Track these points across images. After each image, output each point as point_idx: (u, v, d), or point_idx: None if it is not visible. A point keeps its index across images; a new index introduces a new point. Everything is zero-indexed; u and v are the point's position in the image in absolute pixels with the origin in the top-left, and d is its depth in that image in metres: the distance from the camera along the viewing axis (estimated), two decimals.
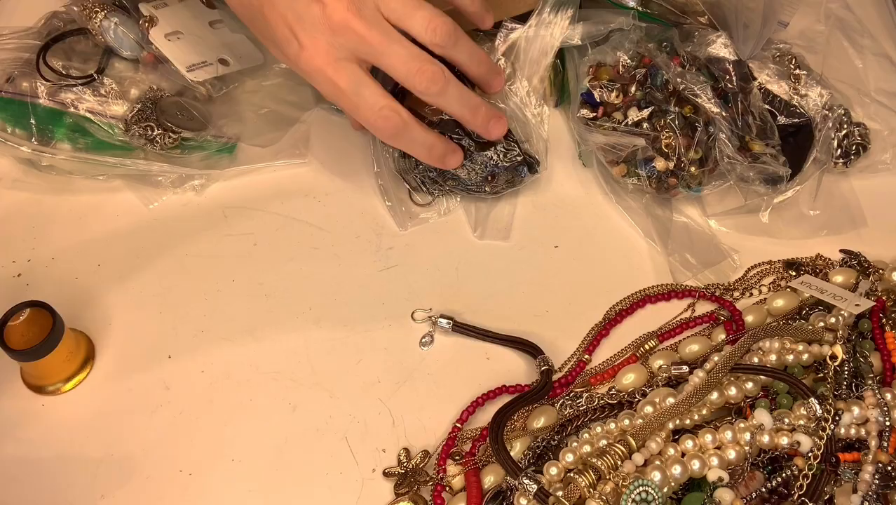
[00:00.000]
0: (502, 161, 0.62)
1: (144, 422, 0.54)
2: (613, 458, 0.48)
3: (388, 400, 0.56)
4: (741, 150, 0.61)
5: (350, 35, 0.53)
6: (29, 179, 0.65)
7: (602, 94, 0.64)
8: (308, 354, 0.57)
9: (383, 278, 0.61)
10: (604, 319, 0.59)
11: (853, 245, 0.62)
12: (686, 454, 0.49)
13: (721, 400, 0.52)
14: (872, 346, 0.56)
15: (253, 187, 0.65)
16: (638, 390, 0.55)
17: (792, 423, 0.50)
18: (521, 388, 0.56)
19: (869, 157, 0.66)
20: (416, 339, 0.58)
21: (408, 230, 0.63)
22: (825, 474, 0.49)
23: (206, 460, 0.53)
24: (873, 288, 0.58)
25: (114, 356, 0.57)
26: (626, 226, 0.64)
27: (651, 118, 0.62)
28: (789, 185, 0.62)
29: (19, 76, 0.64)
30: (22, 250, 0.62)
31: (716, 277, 0.61)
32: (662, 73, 0.63)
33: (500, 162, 0.62)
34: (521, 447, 0.53)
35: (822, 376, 0.53)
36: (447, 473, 0.52)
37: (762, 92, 0.64)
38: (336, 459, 0.53)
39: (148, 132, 0.63)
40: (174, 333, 0.58)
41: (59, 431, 0.54)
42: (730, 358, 0.51)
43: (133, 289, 0.60)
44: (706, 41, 0.65)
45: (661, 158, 0.61)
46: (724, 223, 0.64)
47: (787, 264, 0.62)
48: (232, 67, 0.67)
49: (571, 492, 0.47)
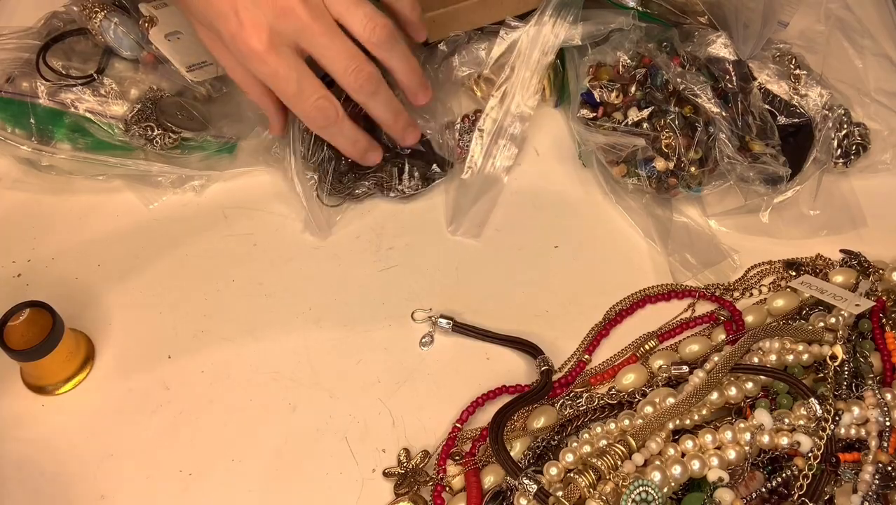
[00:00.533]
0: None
1: (144, 422, 0.54)
2: (613, 458, 0.48)
3: (388, 400, 0.56)
4: (741, 150, 0.61)
5: (295, 21, 0.52)
6: (29, 179, 0.65)
7: (602, 94, 0.64)
8: (308, 354, 0.57)
9: (383, 278, 0.61)
10: (604, 319, 0.59)
11: (853, 245, 0.62)
12: (686, 454, 0.49)
13: (721, 400, 0.52)
14: (872, 346, 0.56)
15: (253, 187, 0.65)
16: (638, 390, 0.55)
17: (792, 423, 0.50)
18: (521, 388, 0.56)
19: (869, 157, 0.66)
20: (416, 339, 0.58)
21: (327, 239, 0.63)
22: (825, 474, 0.49)
23: (206, 460, 0.53)
24: (873, 288, 0.58)
25: (114, 356, 0.57)
26: (626, 226, 0.64)
27: (651, 118, 0.62)
28: (789, 185, 0.62)
29: (19, 76, 0.64)
30: (22, 250, 0.62)
31: (716, 277, 0.61)
32: (662, 73, 0.63)
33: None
34: (521, 447, 0.53)
35: (822, 376, 0.53)
36: (447, 474, 0.52)
37: (762, 92, 0.64)
38: (336, 459, 0.53)
39: (148, 132, 0.63)
40: (174, 333, 0.58)
41: (59, 431, 0.54)
42: (730, 358, 0.51)
43: (133, 289, 0.60)
44: (706, 41, 0.65)
45: (661, 158, 0.61)
46: (724, 223, 0.64)
47: (787, 264, 0.62)
48: None
49: (571, 492, 0.47)
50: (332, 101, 0.56)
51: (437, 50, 0.67)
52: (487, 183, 0.65)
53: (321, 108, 0.56)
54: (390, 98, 0.59)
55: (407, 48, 0.59)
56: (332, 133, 0.58)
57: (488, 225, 0.64)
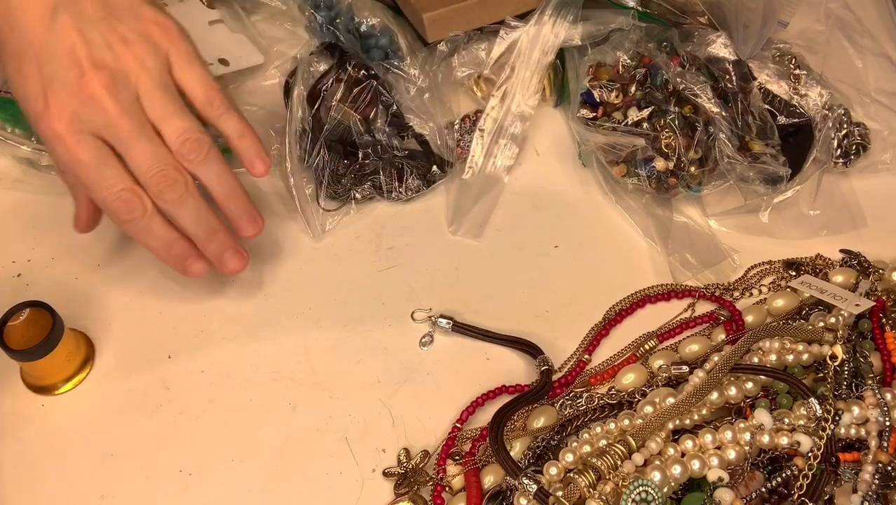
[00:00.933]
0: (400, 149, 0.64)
1: (144, 422, 0.54)
2: (613, 458, 0.48)
3: (387, 400, 0.56)
4: (741, 150, 0.61)
5: (99, 113, 0.49)
6: (29, 179, 0.65)
7: (602, 94, 0.64)
8: (308, 354, 0.57)
9: (383, 278, 0.61)
10: (604, 319, 0.59)
11: (853, 245, 0.62)
12: (686, 454, 0.49)
13: (721, 400, 0.52)
14: (872, 346, 0.56)
15: (251, 187, 0.65)
16: (638, 390, 0.55)
17: (792, 423, 0.50)
18: (521, 388, 0.56)
19: (869, 157, 0.66)
20: (416, 339, 0.58)
21: (324, 240, 0.63)
22: (825, 474, 0.49)
23: (206, 460, 0.53)
24: (873, 288, 0.58)
25: (114, 356, 0.57)
26: (626, 226, 0.64)
27: (651, 118, 0.62)
28: (789, 185, 0.62)
29: None
30: (22, 250, 0.62)
31: (716, 277, 0.61)
32: (662, 73, 0.63)
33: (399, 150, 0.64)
34: (521, 447, 0.53)
35: (822, 376, 0.53)
36: (447, 473, 0.52)
37: (762, 92, 0.64)
38: (336, 459, 0.53)
39: None
40: (174, 333, 0.58)
41: (59, 431, 0.54)
42: (730, 358, 0.51)
43: (133, 289, 0.60)
44: (706, 41, 0.65)
45: (661, 158, 0.61)
46: (724, 223, 0.64)
47: (787, 264, 0.62)
48: (232, 67, 0.67)
49: (571, 492, 0.47)
50: (139, 193, 0.50)
51: (436, 50, 0.67)
52: (488, 183, 0.65)
53: (125, 200, 0.50)
54: (201, 211, 0.52)
55: (226, 168, 0.53)
56: (141, 230, 0.51)
57: (488, 225, 0.64)
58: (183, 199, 0.51)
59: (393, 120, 0.65)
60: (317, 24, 0.67)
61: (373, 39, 0.67)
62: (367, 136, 0.64)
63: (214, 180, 0.52)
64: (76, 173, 0.50)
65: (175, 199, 0.50)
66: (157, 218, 0.51)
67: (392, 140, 0.65)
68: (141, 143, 0.50)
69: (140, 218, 0.50)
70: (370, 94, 0.65)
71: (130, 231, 0.52)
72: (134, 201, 0.50)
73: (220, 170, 0.53)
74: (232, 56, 0.68)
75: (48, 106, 0.49)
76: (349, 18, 0.67)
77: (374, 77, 0.65)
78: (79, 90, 0.49)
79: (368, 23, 0.67)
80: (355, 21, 0.67)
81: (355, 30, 0.67)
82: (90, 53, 0.49)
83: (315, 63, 0.66)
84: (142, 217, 0.50)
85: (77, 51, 0.49)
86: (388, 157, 0.64)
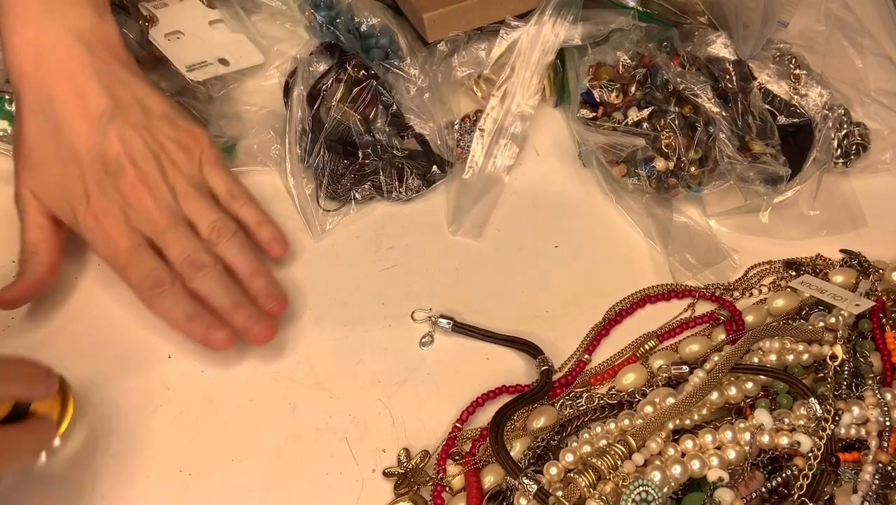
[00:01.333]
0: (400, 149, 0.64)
1: (144, 422, 0.54)
2: (613, 458, 0.48)
3: (388, 400, 0.56)
4: (741, 150, 0.61)
5: (140, 208, 0.55)
6: None
7: (602, 94, 0.64)
8: (308, 354, 0.57)
9: (383, 278, 0.61)
10: (604, 319, 0.59)
11: (853, 245, 0.62)
12: (686, 454, 0.49)
13: (721, 400, 0.52)
14: (872, 346, 0.56)
15: (252, 187, 0.65)
16: (638, 390, 0.55)
17: (792, 423, 0.50)
18: (521, 388, 0.56)
19: (869, 157, 0.66)
20: (416, 339, 0.58)
21: (323, 240, 0.63)
22: (825, 474, 0.49)
23: (206, 460, 0.53)
24: (873, 288, 0.58)
25: (114, 356, 0.57)
26: (626, 226, 0.64)
27: (651, 118, 0.62)
28: (789, 185, 0.62)
29: None
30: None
31: (716, 277, 0.61)
32: (662, 73, 0.63)
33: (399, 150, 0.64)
34: (521, 447, 0.53)
35: (822, 376, 0.53)
36: (447, 473, 0.52)
37: (762, 92, 0.64)
38: (336, 459, 0.53)
39: None
40: (174, 333, 0.58)
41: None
42: (730, 358, 0.51)
43: None
44: (706, 41, 0.65)
45: (661, 158, 0.61)
46: (724, 223, 0.64)
47: (787, 264, 0.62)
48: (232, 67, 0.67)
49: (571, 492, 0.47)
50: (167, 272, 0.54)
51: (436, 50, 0.67)
52: (488, 183, 0.65)
53: (154, 278, 0.54)
54: (226, 285, 0.55)
55: (250, 250, 0.57)
56: (164, 302, 0.54)
57: (488, 225, 0.64)
58: (210, 275, 0.55)
59: (393, 120, 0.65)
60: (317, 24, 0.68)
61: (373, 39, 0.67)
62: (367, 136, 0.64)
63: (240, 260, 0.56)
64: (112, 258, 0.55)
65: (203, 275, 0.54)
66: (182, 291, 0.54)
67: (392, 140, 0.65)
68: (177, 233, 0.55)
69: (167, 290, 0.54)
70: (370, 94, 0.65)
71: (157, 306, 0.55)
72: (163, 277, 0.54)
73: (244, 251, 0.57)
74: (232, 56, 0.68)
75: (90, 203, 0.54)
76: (349, 18, 0.67)
77: (374, 77, 0.65)
78: (123, 190, 0.55)
79: (368, 23, 0.67)
80: (355, 21, 0.67)
81: (355, 30, 0.67)
82: (133, 159, 0.55)
83: (315, 63, 0.66)
84: (169, 288, 0.54)
85: (122, 157, 0.55)
86: (388, 157, 0.64)
